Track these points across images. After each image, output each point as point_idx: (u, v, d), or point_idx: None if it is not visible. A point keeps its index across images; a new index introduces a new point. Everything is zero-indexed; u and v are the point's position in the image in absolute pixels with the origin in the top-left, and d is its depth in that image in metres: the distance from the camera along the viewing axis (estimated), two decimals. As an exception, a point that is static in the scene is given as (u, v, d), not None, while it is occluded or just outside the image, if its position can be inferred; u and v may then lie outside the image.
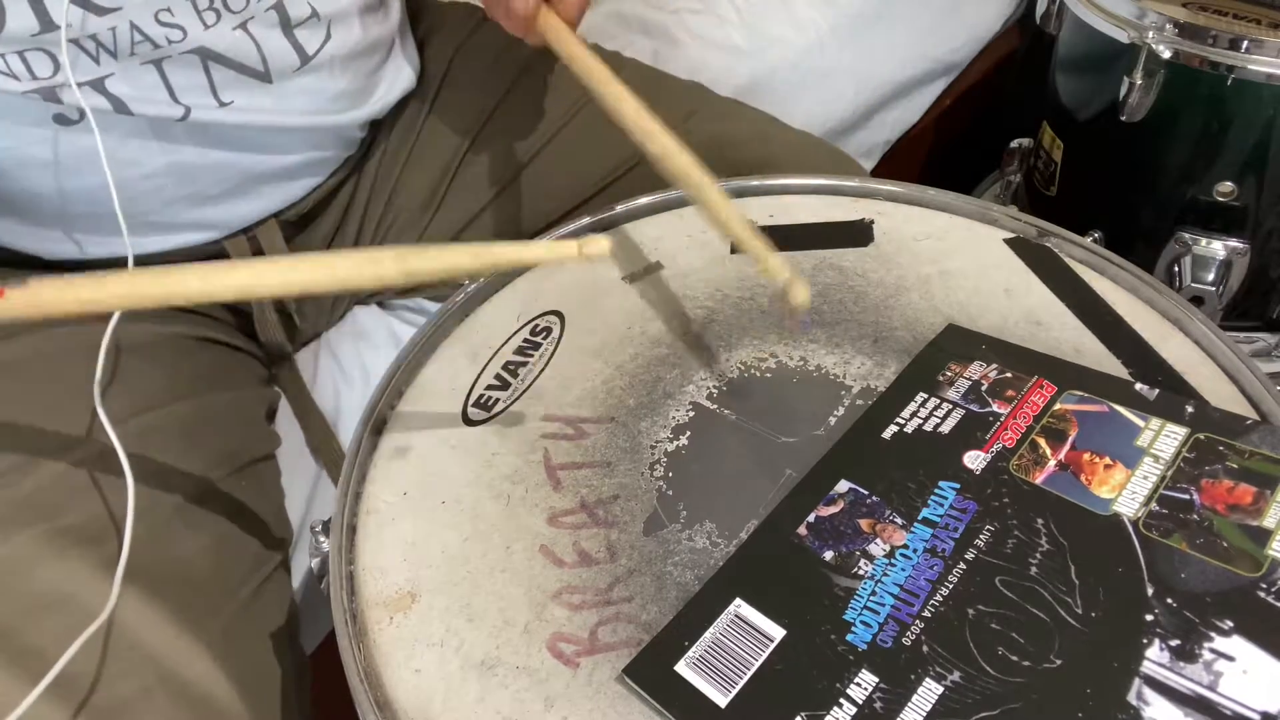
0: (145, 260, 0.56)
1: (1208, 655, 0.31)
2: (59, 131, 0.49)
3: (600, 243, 0.37)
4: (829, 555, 0.36)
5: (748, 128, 0.69)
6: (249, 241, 0.59)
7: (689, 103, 0.68)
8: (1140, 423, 0.39)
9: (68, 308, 0.36)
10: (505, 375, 0.46)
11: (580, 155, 0.66)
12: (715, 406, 0.44)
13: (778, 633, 0.34)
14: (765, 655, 0.33)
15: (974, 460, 0.39)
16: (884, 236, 0.53)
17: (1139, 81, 0.71)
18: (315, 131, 0.58)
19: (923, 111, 1.07)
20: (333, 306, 0.68)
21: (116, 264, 0.49)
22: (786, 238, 0.53)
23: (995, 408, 0.41)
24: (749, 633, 0.34)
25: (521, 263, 0.41)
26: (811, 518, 0.37)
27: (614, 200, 0.55)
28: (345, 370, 0.66)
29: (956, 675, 0.32)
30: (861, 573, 0.35)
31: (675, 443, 0.42)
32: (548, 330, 0.48)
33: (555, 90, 0.67)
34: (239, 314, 0.62)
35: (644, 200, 0.56)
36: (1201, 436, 0.38)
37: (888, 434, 0.41)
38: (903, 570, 0.35)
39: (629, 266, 0.52)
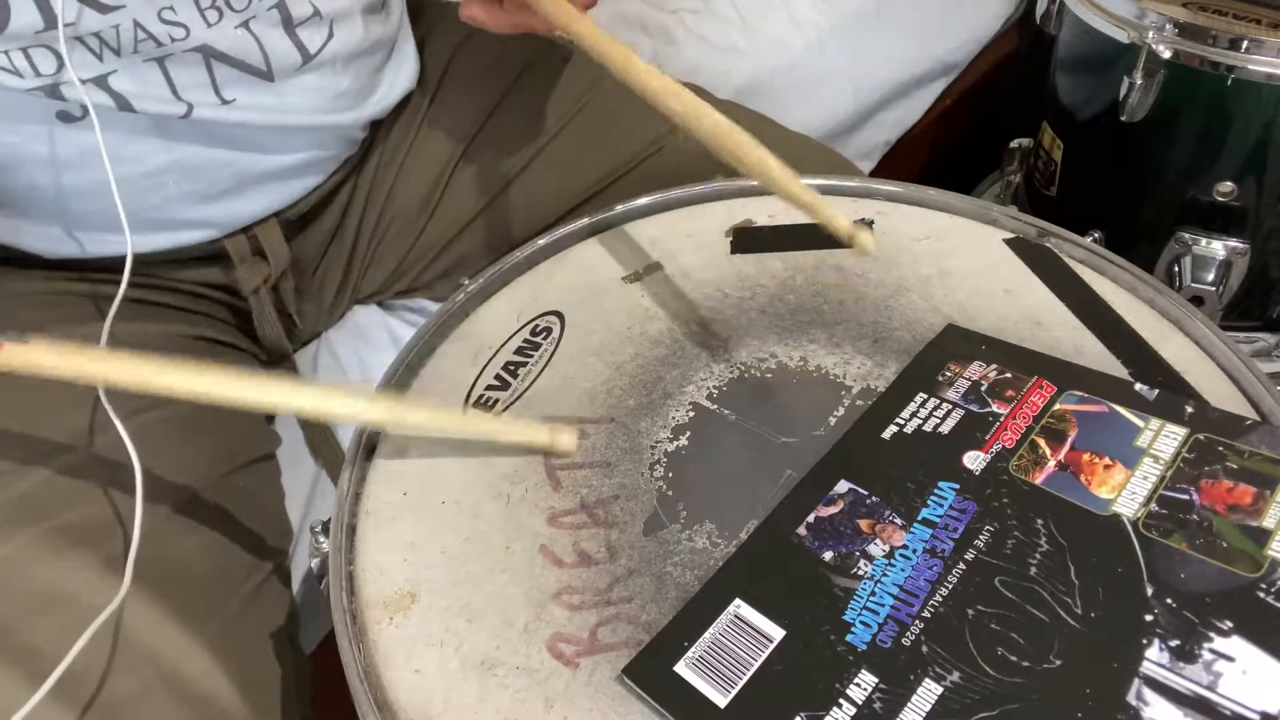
0: (145, 259, 0.56)
1: (1207, 655, 0.31)
2: (61, 128, 0.49)
3: (568, 439, 0.41)
4: (829, 555, 0.36)
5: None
6: (249, 240, 0.59)
7: None
8: (1140, 423, 0.39)
9: (61, 373, 0.38)
10: (505, 375, 0.46)
11: (579, 156, 0.66)
12: (715, 406, 0.44)
13: (777, 633, 0.34)
14: (765, 656, 0.33)
15: (974, 460, 0.39)
16: (884, 236, 0.53)
17: (1139, 81, 0.71)
18: (317, 130, 0.58)
19: (923, 111, 1.07)
20: (331, 306, 0.68)
21: (117, 262, 0.49)
22: (786, 238, 0.53)
23: (995, 408, 0.41)
24: (749, 633, 0.34)
25: (492, 436, 0.43)
26: (811, 518, 0.37)
27: (614, 201, 0.55)
28: (345, 370, 0.66)
29: (956, 676, 0.32)
30: (861, 573, 0.35)
31: (675, 443, 0.42)
32: (548, 330, 0.48)
33: (555, 91, 0.67)
34: (239, 314, 0.62)
35: (644, 200, 0.56)
36: (1201, 437, 0.38)
37: (887, 434, 0.41)
38: (902, 570, 0.35)
39: (629, 266, 0.52)
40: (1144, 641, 0.32)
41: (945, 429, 0.40)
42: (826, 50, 0.95)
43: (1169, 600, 0.33)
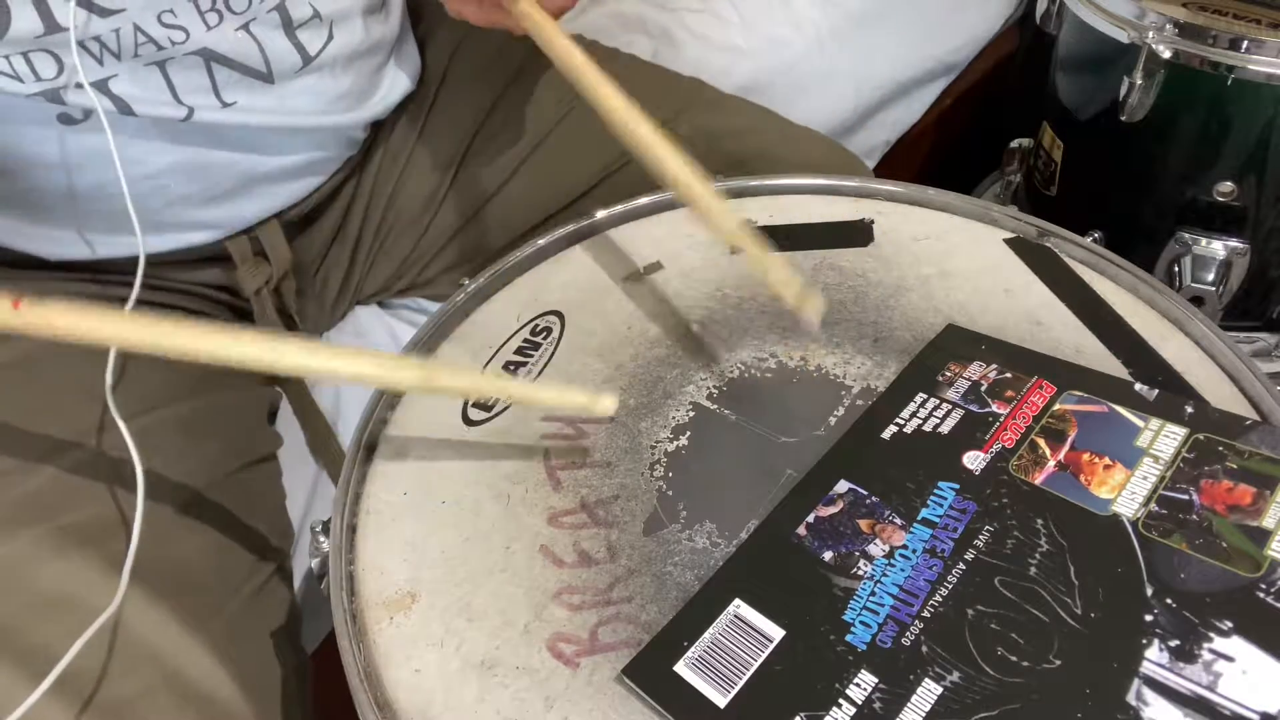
0: (147, 260, 0.56)
1: (1207, 656, 0.31)
2: (64, 131, 0.49)
3: (608, 403, 0.40)
4: (828, 555, 0.36)
5: (744, 120, 0.69)
6: (250, 241, 0.59)
7: (685, 96, 0.68)
8: (1140, 423, 0.39)
9: (77, 335, 0.37)
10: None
11: (579, 151, 0.66)
12: (715, 406, 0.44)
13: (777, 633, 0.34)
14: (764, 656, 0.33)
15: (973, 460, 0.39)
16: (884, 236, 0.53)
17: (1139, 81, 0.71)
18: (317, 132, 0.58)
19: (923, 111, 1.07)
20: (333, 307, 0.68)
21: (125, 264, 0.49)
22: (786, 238, 0.53)
23: (995, 408, 0.41)
24: (748, 633, 0.34)
25: (534, 402, 0.43)
26: (811, 518, 0.37)
27: (613, 197, 0.55)
28: (345, 370, 0.66)
29: (956, 675, 0.32)
30: (861, 573, 0.35)
31: (675, 443, 0.42)
32: (548, 330, 0.48)
33: (553, 87, 0.67)
34: (240, 315, 0.63)
35: (644, 200, 0.56)
36: (1201, 437, 0.38)
37: (887, 434, 0.41)
38: (902, 570, 0.35)
39: (629, 266, 0.52)
40: (1144, 641, 0.32)
41: (945, 429, 0.40)
42: (826, 50, 0.95)
43: (1169, 600, 0.33)
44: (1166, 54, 0.69)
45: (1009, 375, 0.42)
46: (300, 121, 0.56)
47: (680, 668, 0.33)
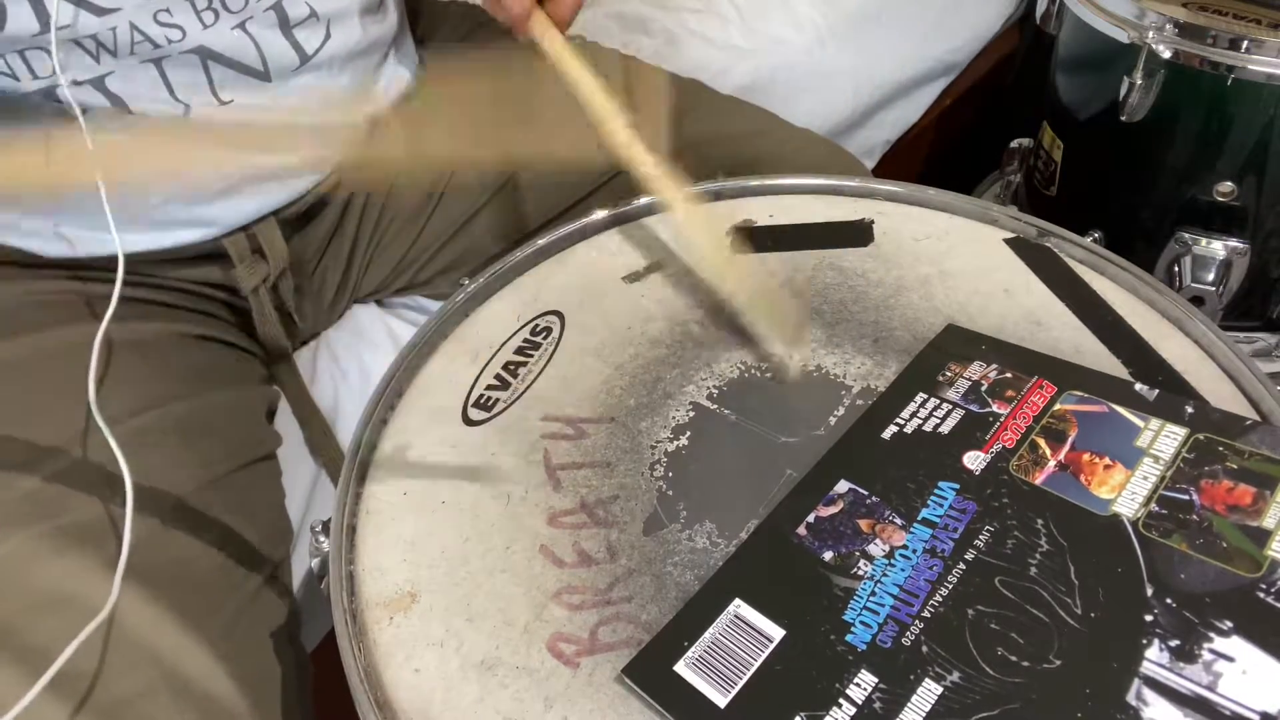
0: (144, 257, 0.56)
1: (1207, 656, 0.31)
2: (58, 128, 0.49)
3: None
4: (828, 555, 0.36)
5: (746, 124, 0.69)
6: (248, 239, 0.59)
7: (687, 99, 0.68)
8: (1140, 423, 0.39)
9: None
10: (505, 375, 0.46)
11: (579, 152, 0.66)
12: (715, 406, 0.44)
13: (777, 633, 0.34)
14: (764, 655, 0.33)
15: (974, 460, 0.39)
16: (884, 236, 0.53)
17: (1139, 81, 0.71)
18: (314, 130, 0.58)
19: (923, 111, 1.07)
20: (331, 305, 0.68)
21: (112, 261, 0.49)
22: (786, 238, 0.53)
23: (995, 408, 0.41)
24: (748, 633, 0.34)
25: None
26: (811, 518, 0.37)
27: (613, 198, 0.55)
28: (344, 370, 0.66)
29: (956, 675, 0.32)
30: (861, 573, 0.35)
31: (675, 443, 0.42)
32: (548, 330, 0.48)
33: (555, 86, 0.67)
34: (238, 313, 0.62)
35: (644, 200, 0.56)
36: (1201, 437, 0.38)
37: (887, 434, 0.41)
38: (902, 570, 0.35)
39: (629, 266, 0.52)
40: (1144, 641, 0.32)
41: (945, 429, 0.40)
42: (827, 50, 0.95)
43: (1169, 600, 0.33)
44: (1166, 54, 0.69)
45: (1009, 375, 0.42)
46: (297, 120, 0.56)
47: (680, 667, 0.33)
